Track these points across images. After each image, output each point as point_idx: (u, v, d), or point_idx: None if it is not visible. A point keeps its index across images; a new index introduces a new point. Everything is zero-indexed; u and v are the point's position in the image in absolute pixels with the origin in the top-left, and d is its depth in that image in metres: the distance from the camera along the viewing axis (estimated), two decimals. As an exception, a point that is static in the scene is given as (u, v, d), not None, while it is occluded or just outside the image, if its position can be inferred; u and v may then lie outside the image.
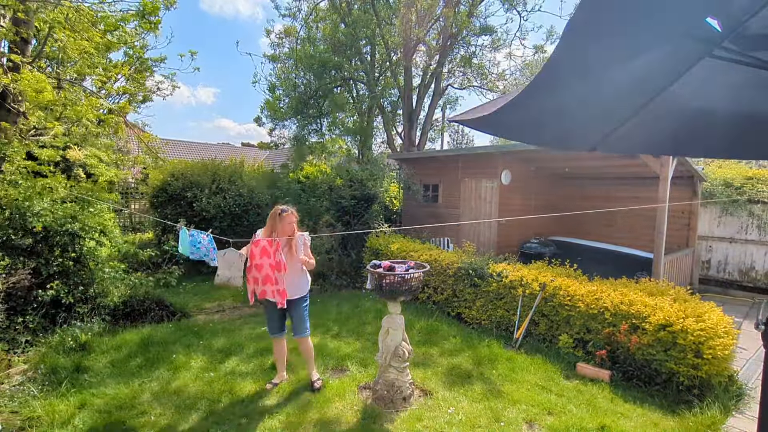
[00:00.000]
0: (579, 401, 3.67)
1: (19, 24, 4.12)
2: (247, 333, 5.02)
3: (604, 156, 7.12)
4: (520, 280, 5.04)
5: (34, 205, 4.35)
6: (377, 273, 3.43)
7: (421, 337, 5.04)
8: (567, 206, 9.81)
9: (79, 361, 3.98)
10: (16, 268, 4.25)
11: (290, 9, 12.85)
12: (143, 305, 5.26)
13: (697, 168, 7.47)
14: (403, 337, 3.55)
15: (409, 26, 10.53)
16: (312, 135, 12.42)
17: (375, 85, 12.31)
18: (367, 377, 3.97)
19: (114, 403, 3.37)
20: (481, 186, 8.58)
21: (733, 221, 8.42)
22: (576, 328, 4.55)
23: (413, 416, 3.33)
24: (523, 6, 12.12)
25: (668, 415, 3.53)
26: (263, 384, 3.78)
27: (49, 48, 4.94)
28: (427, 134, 13.74)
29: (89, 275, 4.77)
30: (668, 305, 4.05)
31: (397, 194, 11.74)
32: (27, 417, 3.13)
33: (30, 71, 4.00)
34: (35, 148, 4.62)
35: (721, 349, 3.60)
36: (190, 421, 3.19)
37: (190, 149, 24.77)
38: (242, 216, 7.99)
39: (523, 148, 7.84)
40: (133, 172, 9.81)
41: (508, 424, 3.29)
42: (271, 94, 12.34)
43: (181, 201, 7.74)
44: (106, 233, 5.18)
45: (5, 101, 4.15)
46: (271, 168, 12.07)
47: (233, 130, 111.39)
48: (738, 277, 8.39)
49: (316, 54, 11.14)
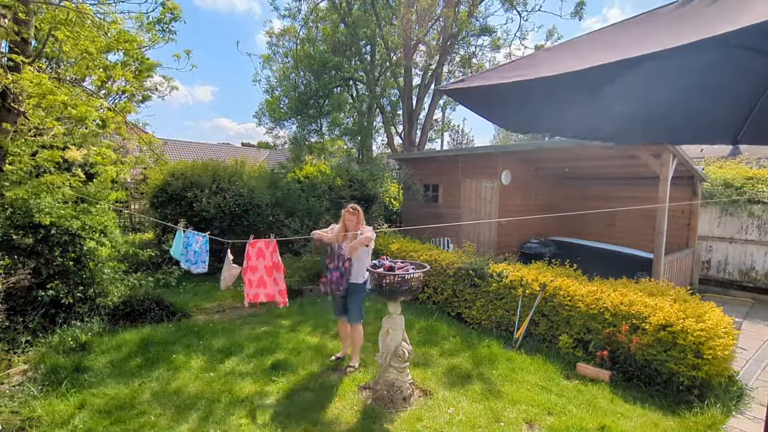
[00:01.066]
0: (579, 401, 3.66)
1: (19, 24, 4.12)
2: (246, 333, 5.01)
3: (605, 156, 7.13)
4: (520, 280, 5.04)
5: (41, 201, 4.35)
6: (377, 273, 3.43)
7: (421, 337, 5.04)
8: (567, 206, 9.82)
9: (79, 361, 3.98)
10: (16, 268, 4.24)
11: (290, 9, 12.85)
12: (143, 305, 5.26)
13: (697, 168, 7.47)
14: (403, 337, 3.55)
15: (409, 26, 10.54)
16: (312, 135, 12.42)
17: (375, 85, 12.32)
18: (368, 377, 3.97)
19: (114, 403, 3.36)
20: (481, 186, 8.58)
21: (733, 221, 8.42)
22: (576, 329, 4.55)
23: (413, 416, 3.33)
24: (523, 6, 12.13)
25: (668, 416, 3.53)
26: (263, 384, 3.78)
27: (50, 48, 4.94)
28: (427, 134, 13.74)
29: (89, 275, 4.77)
30: (668, 305, 4.05)
31: (397, 194, 11.74)
32: (27, 417, 3.13)
33: (31, 71, 4.00)
34: (36, 147, 4.62)
35: (721, 350, 3.60)
36: (189, 421, 3.19)
37: (190, 149, 24.79)
38: (242, 216, 7.99)
39: (523, 148, 7.85)
40: (133, 172, 9.81)
41: (508, 424, 3.29)
42: (270, 95, 12.35)
43: (181, 201, 7.74)
44: (107, 233, 5.18)
45: (5, 101, 4.14)
46: (272, 168, 12.06)
47: (232, 129, 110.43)
48: (738, 278, 8.39)
49: (316, 54, 11.15)
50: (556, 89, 1.55)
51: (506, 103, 1.73)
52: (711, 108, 1.80)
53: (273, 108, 12.36)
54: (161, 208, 7.90)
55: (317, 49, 11.72)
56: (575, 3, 11.33)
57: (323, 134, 12.71)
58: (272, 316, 5.71)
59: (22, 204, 4.32)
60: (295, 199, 8.80)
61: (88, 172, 5.77)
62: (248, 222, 7.98)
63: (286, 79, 12.47)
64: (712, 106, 1.78)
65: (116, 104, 6.48)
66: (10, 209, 4.34)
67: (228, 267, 3.55)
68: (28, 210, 4.31)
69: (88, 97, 4.83)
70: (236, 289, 6.15)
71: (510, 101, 1.69)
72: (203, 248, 3.74)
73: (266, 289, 3.41)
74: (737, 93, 1.68)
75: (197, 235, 3.76)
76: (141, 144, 6.09)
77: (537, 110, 1.82)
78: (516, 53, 12.83)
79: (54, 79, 4.34)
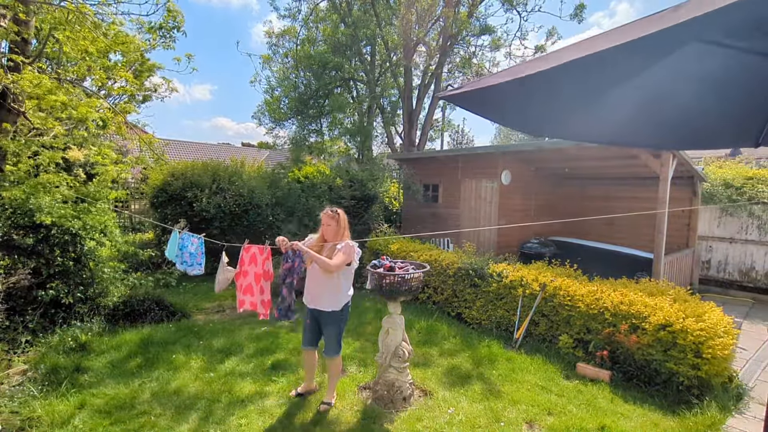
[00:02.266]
0: (579, 401, 3.67)
1: (19, 24, 4.13)
2: (246, 333, 5.01)
3: (604, 156, 7.13)
4: (520, 281, 5.04)
5: (41, 199, 4.35)
6: (377, 273, 3.43)
7: (421, 337, 5.04)
8: (567, 206, 9.82)
9: (78, 361, 3.98)
10: (16, 268, 4.24)
11: (290, 9, 12.85)
12: (143, 305, 5.26)
13: (697, 168, 7.47)
14: (403, 337, 3.55)
15: (409, 27, 10.54)
16: (312, 135, 12.42)
17: (375, 86, 12.32)
18: (367, 377, 3.97)
19: (114, 403, 3.37)
20: (481, 186, 8.58)
21: (733, 221, 8.42)
22: (576, 329, 4.55)
23: (413, 416, 3.33)
24: (524, 6, 12.13)
25: (668, 416, 3.53)
26: (263, 384, 3.78)
27: (50, 48, 4.95)
28: (427, 134, 13.73)
29: (89, 275, 4.77)
30: (668, 305, 4.05)
31: (396, 194, 11.74)
32: (27, 417, 3.13)
33: (31, 71, 4.00)
34: (36, 148, 4.62)
35: (720, 349, 3.60)
36: (189, 421, 3.19)
37: (190, 149, 24.79)
38: (242, 216, 7.99)
39: (523, 148, 7.85)
40: (133, 171, 9.81)
41: (508, 424, 3.29)
42: (270, 95, 12.35)
43: (182, 201, 7.74)
44: (107, 233, 5.18)
45: (5, 101, 4.15)
46: (272, 168, 12.06)
47: (231, 129, 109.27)
48: (738, 278, 8.39)
49: (316, 54, 11.15)
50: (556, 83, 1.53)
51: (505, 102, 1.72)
52: (729, 111, 1.79)
53: (273, 108, 12.36)
54: (161, 208, 7.90)
55: (317, 49, 11.72)
56: (575, 5, 11.33)
57: (323, 134, 12.70)
58: (271, 316, 5.70)
59: (22, 204, 4.33)
60: (294, 199, 8.80)
61: (88, 173, 5.77)
62: (248, 222, 7.98)
63: (286, 79, 12.47)
64: (729, 109, 1.78)
65: (116, 104, 6.48)
66: (10, 209, 4.34)
67: (222, 270, 3.54)
68: (29, 210, 4.32)
69: (89, 98, 4.83)
70: (233, 290, 6.16)
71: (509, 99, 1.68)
72: (199, 250, 3.73)
73: (252, 297, 3.39)
74: (755, 95, 1.67)
75: (192, 236, 3.75)
76: (141, 144, 6.10)
77: (538, 109, 1.81)
78: (516, 53, 12.84)
79: (54, 79, 4.34)
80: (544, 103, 1.71)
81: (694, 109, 1.74)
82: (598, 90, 1.58)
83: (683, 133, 2.03)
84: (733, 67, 1.43)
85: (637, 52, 1.27)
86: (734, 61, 1.39)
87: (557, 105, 1.74)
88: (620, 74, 1.48)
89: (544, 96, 1.62)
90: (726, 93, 1.64)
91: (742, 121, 1.87)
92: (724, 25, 1.18)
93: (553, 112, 1.81)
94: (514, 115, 1.90)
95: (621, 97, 1.61)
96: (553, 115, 1.84)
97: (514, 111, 1.81)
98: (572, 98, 1.67)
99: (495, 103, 1.72)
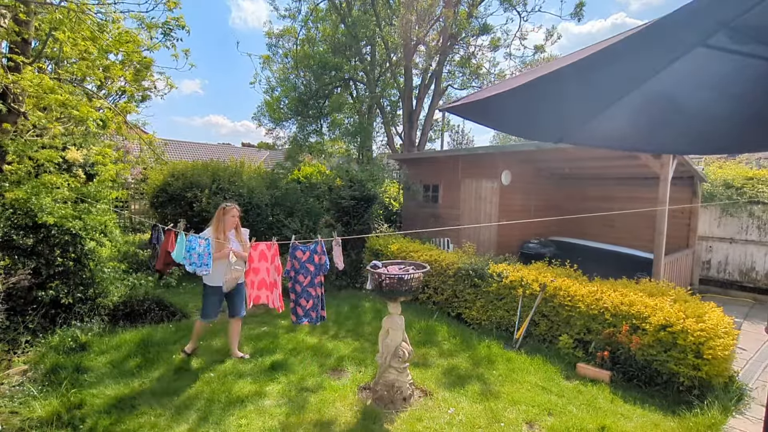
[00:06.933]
0: (579, 402, 3.66)
1: (20, 24, 4.13)
2: (245, 333, 5.01)
3: (605, 156, 7.12)
4: (520, 281, 5.04)
5: (43, 200, 4.35)
6: (377, 274, 3.43)
7: (421, 337, 5.04)
8: (567, 206, 9.81)
9: (78, 361, 3.98)
10: (16, 268, 4.24)
11: (290, 10, 12.86)
12: (143, 305, 5.26)
13: (697, 168, 7.47)
14: (403, 338, 3.55)
15: (408, 27, 10.53)
16: (312, 135, 12.42)
17: (375, 86, 12.32)
18: (367, 377, 3.97)
19: (114, 403, 3.36)
20: (481, 186, 8.57)
21: (734, 222, 8.41)
22: (576, 329, 4.55)
23: (413, 417, 3.33)
24: (523, 6, 12.13)
25: (669, 416, 3.53)
26: (262, 384, 3.78)
27: (50, 48, 4.94)
28: (427, 135, 13.73)
29: (89, 275, 4.77)
30: (668, 306, 4.04)
31: (396, 195, 11.73)
32: (27, 417, 3.13)
33: (32, 71, 4.00)
34: (36, 147, 4.62)
35: (721, 350, 3.60)
36: (189, 421, 3.19)
37: (190, 149, 24.80)
38: (242, 216, 7.99)
39: (523, 149, 7.85)
40: (133, 171, 9.81)
41: (508, 424, 3.29)
42: (270, 95, 12.36)
43: (181, 201, 7.75)
44: (107, 233, 5.18)
45: (5, 101, 4.15)
46: (272, 168, 12.06)
47: (226, 126, 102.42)
48: (738, 278, 8.38)
49: (315, 55, 11.15)
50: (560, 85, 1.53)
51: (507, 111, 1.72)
52: (741, 115, 1.79)
53: (273, 108, 12.37)
54: (161, 208, 7.91)
55: (317, 49, 11.72)
56: (575, 4, 11.33)
57: (323, 135, 12.70)
58: (271, 316, 5.71)
59: (23, 204, 4.32)
60: (294, 199, 8.80)
61: (88, 173, 5.77)
62: (248, 222, 7.98)
63: (286, 79, 12.48)
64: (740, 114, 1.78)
65: (116, 104, 6.47)
66: (10, 209, 4.34)
67: (230, 269, 3.57)
68: (30, 210, 4.31)
69: (88, 97, 4.83)
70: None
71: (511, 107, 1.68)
72: (206, 251, 3.74)
73: (269, 292, 3.44)
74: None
75: (200, 238, 3.76)
76: (141, 144, 6.09)
77: (544, 116, 1.81)
78: (516, 53, 12.84)
79: (54, 79, 4.34)
80: (549, 111, 1.71)
81: (718, 115, 1.74)
82: (612, 94, 1.58)
83: (710, 138, 2.02)
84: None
85: (643, 53, 1.27)
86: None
87: (564, 110, 1.74)
88: (626, 78, 1.48)
89: (549, 103, 1.63)
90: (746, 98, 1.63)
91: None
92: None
93: (562, 118, 1.81)
94: (517, 124, 1.90)
95: (627, 102, 1.61)
96: (562, 120, 1.84)
97: (518, 119, 1.81)
98: (579, 103, 1.67)
99: (497, 112, 1.72)
